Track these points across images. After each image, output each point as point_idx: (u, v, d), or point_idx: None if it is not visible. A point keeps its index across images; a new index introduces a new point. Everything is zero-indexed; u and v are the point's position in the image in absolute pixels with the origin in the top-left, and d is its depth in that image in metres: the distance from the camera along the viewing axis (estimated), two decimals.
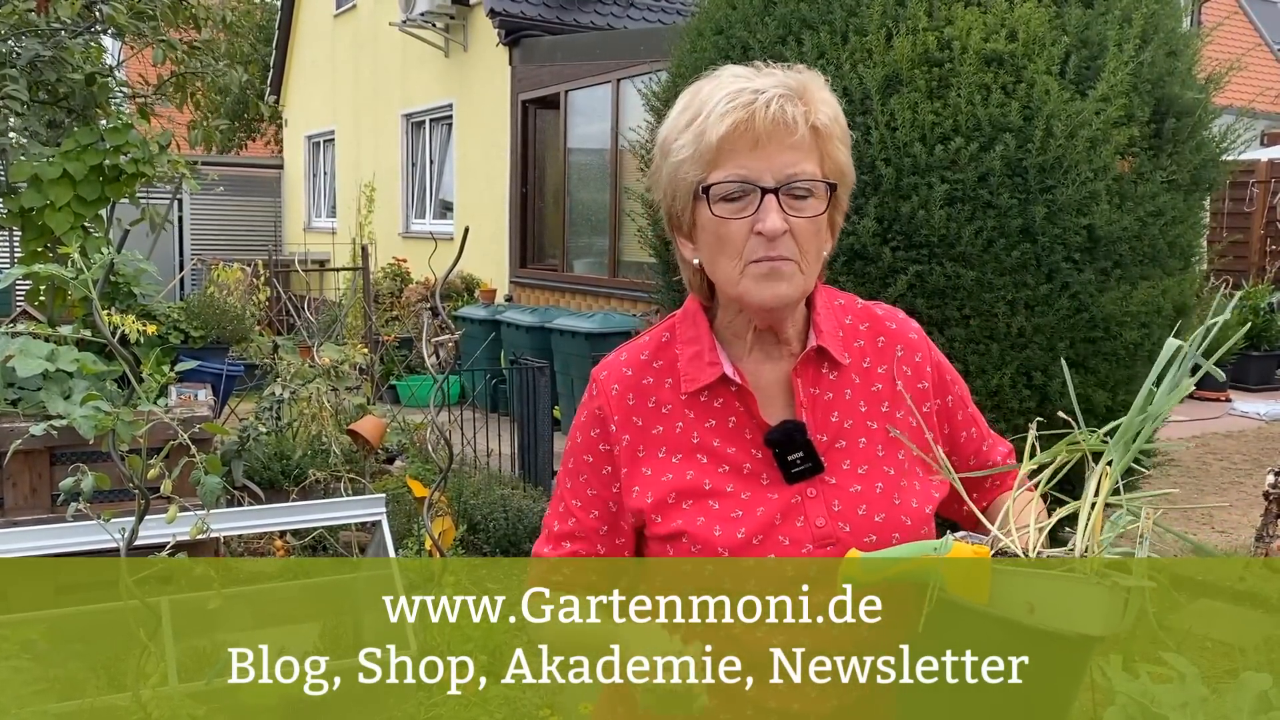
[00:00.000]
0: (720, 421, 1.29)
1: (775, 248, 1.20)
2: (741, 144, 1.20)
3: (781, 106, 1.20)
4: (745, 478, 1.27)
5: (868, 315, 1.38)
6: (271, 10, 18.52)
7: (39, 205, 4.73)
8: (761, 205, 1.20)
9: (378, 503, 3.37)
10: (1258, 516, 4.79)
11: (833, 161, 1.25)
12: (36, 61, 4.70)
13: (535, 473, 6.00)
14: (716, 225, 1.23)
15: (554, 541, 1.37)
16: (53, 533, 2.94)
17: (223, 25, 5.73)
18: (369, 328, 7.84)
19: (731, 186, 1.21)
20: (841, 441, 1.29)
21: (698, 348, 1.31)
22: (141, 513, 1.66)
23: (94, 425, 1.80)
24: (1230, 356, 5.50)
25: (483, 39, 10.98)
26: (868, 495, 1.27)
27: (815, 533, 1.24)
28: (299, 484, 5.05)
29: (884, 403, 1.32)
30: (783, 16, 4.00)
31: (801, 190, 1.21)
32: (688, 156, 1.23)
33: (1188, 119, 3.94)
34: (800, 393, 1.29)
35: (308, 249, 14.22)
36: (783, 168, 1.20)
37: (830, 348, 1.30)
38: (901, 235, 3.71)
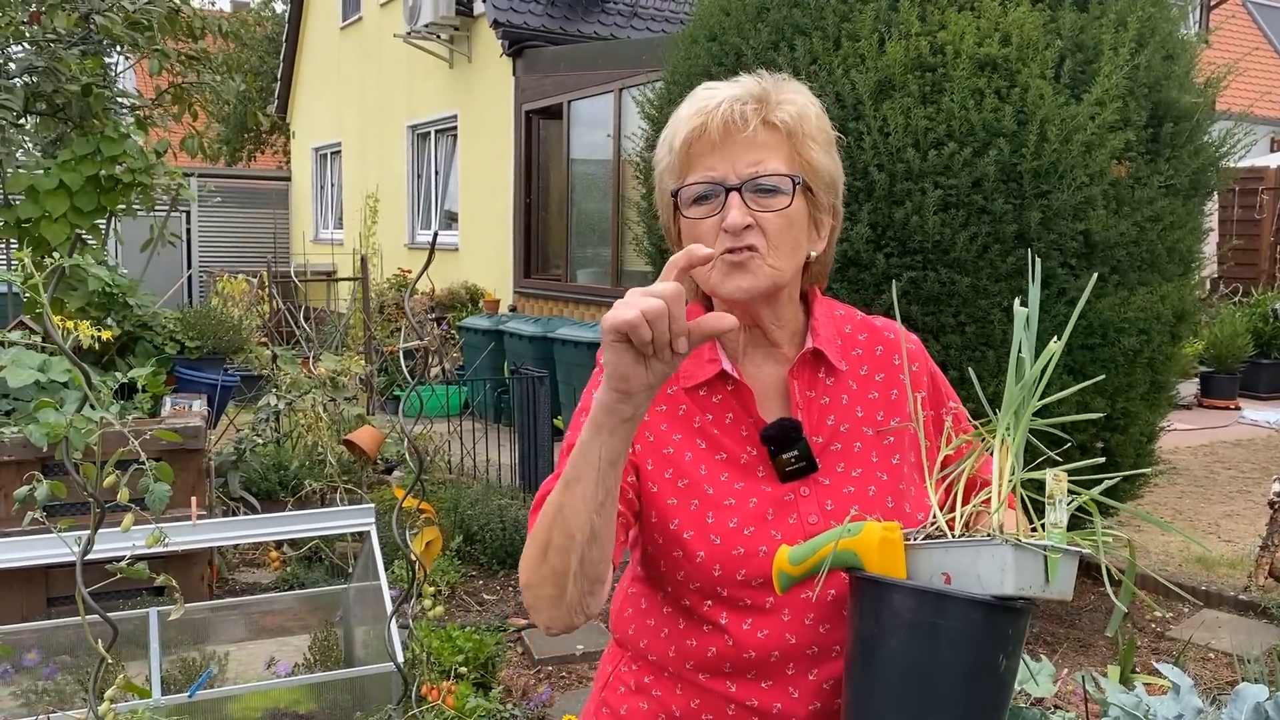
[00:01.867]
0: (718, 416, 1.31)
1: (740, 240, 1.23)
2: (702, 148, 1.26)
3: (731, 108, 1.25)
4: (740, 468, 1.28)
5: (866, 326, 1.40)
6: (279, 23, 18.61)
7: (35, 216, 4.74)
8: (726, 202, 1.24)
9: (367, 513, 3.34)
10: (1264, 526, 4.72)
11: (804, 159, 1.28)
12: (31, 72, 4.70)
13: (535, 483, 5.97)
14: (690, 227, 1.27)
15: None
16: (40, 543, 2.92)
17: (220, 35, 5.74)
18: (368, 338, 7.83)
19: (698, 189, 1.26)
20: (836, 444, 1.30)
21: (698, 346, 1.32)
22: (96, 523, 1.64)
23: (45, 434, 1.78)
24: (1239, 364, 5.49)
25: (486, 50, 11.01)
26: (861, 497, 1.27)
27: (808, 529, 1.24)
28: (296, 495, 5.04)
29: (880, 410, 1.34)
30: (775, 22, 3.98)
31: (766, 185, 1.24)
32: (664, 169, 1.31)
33: (1186, 123, 3.90)
34: (796, 394, 1.31)
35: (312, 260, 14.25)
36: (745, 166, 1.24)
37: (827, 352, 1.32)
38: (895, 241, 3.68)
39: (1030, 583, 1.03)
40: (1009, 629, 1.06)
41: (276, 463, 5.21)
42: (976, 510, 1.13)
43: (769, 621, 1.24)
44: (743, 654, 1.24)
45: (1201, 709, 1.76)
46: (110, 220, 5.28)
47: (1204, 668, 3.94)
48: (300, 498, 4.99)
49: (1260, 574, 4.58)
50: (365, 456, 5.18)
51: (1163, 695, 1.78)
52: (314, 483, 5.03)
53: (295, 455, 5.29)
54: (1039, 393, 1.11)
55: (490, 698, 3.29)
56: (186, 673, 3.28)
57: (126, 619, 2.90)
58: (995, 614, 1.04)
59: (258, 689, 3.10)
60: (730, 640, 1.24)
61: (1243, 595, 4.55)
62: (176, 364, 5.33)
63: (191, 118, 5.66)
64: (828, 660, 1.24)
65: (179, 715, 2.84)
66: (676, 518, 1.27)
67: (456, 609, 4.50)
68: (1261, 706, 1.70)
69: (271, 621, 3.63)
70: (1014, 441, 1.10)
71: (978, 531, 1.09)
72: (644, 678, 1.33)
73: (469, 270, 11.30)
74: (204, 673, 3.16)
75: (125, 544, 2.01)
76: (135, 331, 5.16)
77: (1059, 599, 1.07)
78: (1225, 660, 3.98)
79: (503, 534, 5.05)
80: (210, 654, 3.39)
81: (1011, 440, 1.10)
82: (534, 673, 3.91)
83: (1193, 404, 9.25)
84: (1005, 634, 1.06)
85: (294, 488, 5.07)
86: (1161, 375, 4.11)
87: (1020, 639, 1.08)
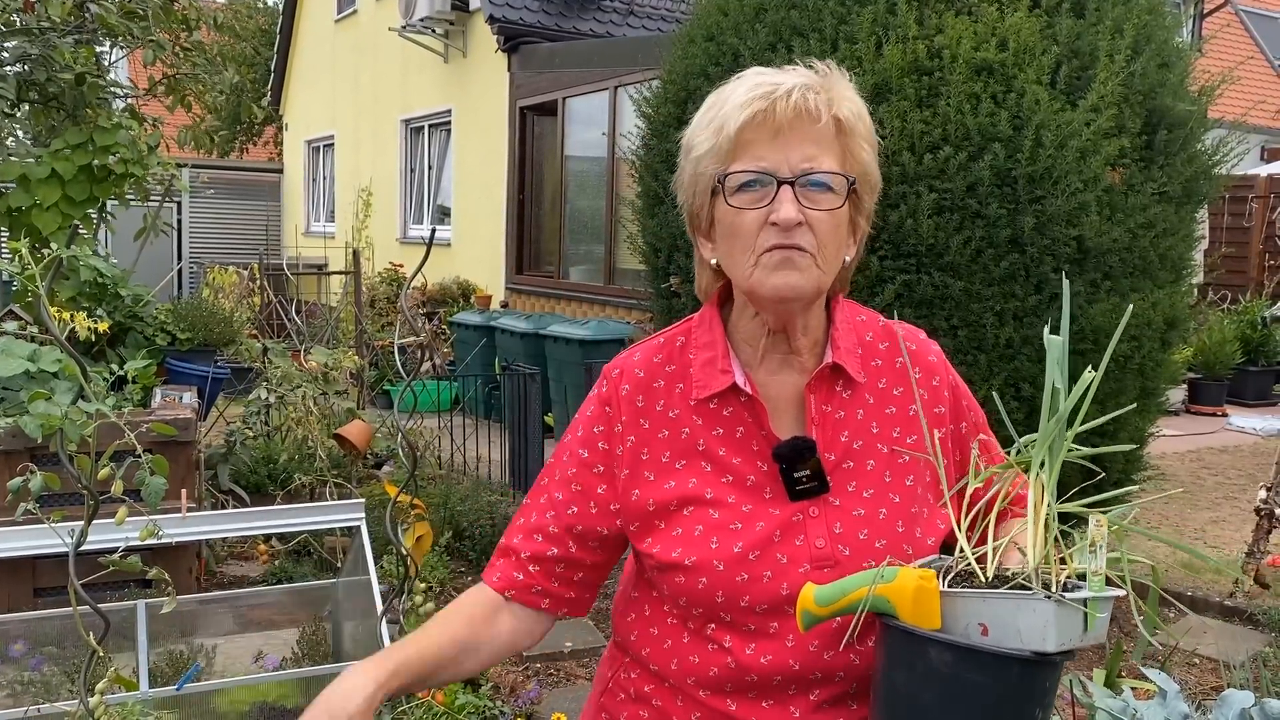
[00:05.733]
0: (728, 431, 1.26)
1: (790, 237, 1.17)
2: (761, 134, 1.19)
3: (803, 95, 1.18)
4: (748, 490, 1.24)
5: (888, 334, 1.34)
6: (274, 15, 18.54)
7: (26, 205, 4.71)
8: (777, 196, 1.18)
9: (357, 508, 3.33)
10: (1250, 533, 4.75)
11: (855, 159, 1.23)
12: (25, 60, 4.68)
13: (525, 480, 5.97)
14: (732, 216, 1.21)
15: (524, 534, 1.34)
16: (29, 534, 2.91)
17: (215, 27, 5.72)
18: (359, 331, 7.81)
19: (748, 176, 1.19)
20: (849, 462, 1.25)
21: (711, 354, 1.29)
22: (90, 514, 1.63)
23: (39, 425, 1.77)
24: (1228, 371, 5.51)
25: (482, 45, 10.99)
26: (870, 520, 1.23)
27: (814, 553, 1.21)
28: (285, 488, 5.02)
29: (896, 427, 1.29)
30: (773, 23, 3.98)
31: (819, 183, 1.19)
32: (707, 150, 1.23)
33: (1180, 131, 3.91)
34: (812, 409, 1.26)
35: (304, 254, 14.22)
36: (800, 160, 1.18)
37: (847, 365, 1.27)
38: (889, 244, 3.69)
39: (1070, 636, 1.00)
40: (1046, 681, 1.03)
41: (266, 456, 5.20)
42: (1006, 546, 1.09)
43: (773, 646, 1.21)
44: (745, 676, 1.22)
45: (1188, 714, 1.77)
46: (102, 210, 5.26)
47: (1189, 673, 3.96)
48: (290, 491, 4.98)
49: (1246, 580, 4.60)
50: (355, 451, 5.17)
51: (1149, 700, 1.79)
52: (304, 477, 5.02)
53: (285, 449, 5.28)
54: (1083, 429, 1.07)
55: (479, 694, 3.29)
56: (174, 665, 3.27)
57: (114, 611, 2.89)
58: (1034, 669, 1.01)
59: (246, 683, 3.09)
60: (733, 663, 1.22)
61: (1228, 601, 4.58)
62: (167, 356, 5.31)
63: (185, 109, 5.64)
64: (831, 683, 1.22)
65: (166, 708, 2.82)
66: (679, 546, 1.24)
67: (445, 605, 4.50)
68: (1247, 712, 1.71)
69: (260, 615, 3.62)
70: (1049, 478, 1.06)
71: (1008, 569, 1.05)
72: (644, 687, 1.31)
73: (461, 266, 11.29)
74: (192, 666, 3.15)
75: (115, 536, 2.00)
76: (126, 322, 5.14)
77: (1094, 644, 1.04)
78: (1211, 666, 4.00)
79: (492, 531, 5.05)
80: (198, 647, 3.38)
81: (1047, 477, 1.07)
82: (522, 669, 3.91)
83: (1180, 410, 9.29)
84: (1043, 687, 1.03)
85: (284, 481, 5.06)
86: (1152, 382, 4.13)
87: (1055, 688, 1.05)
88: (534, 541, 1.32)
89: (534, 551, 1.32)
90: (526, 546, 1.32)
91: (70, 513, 2.35)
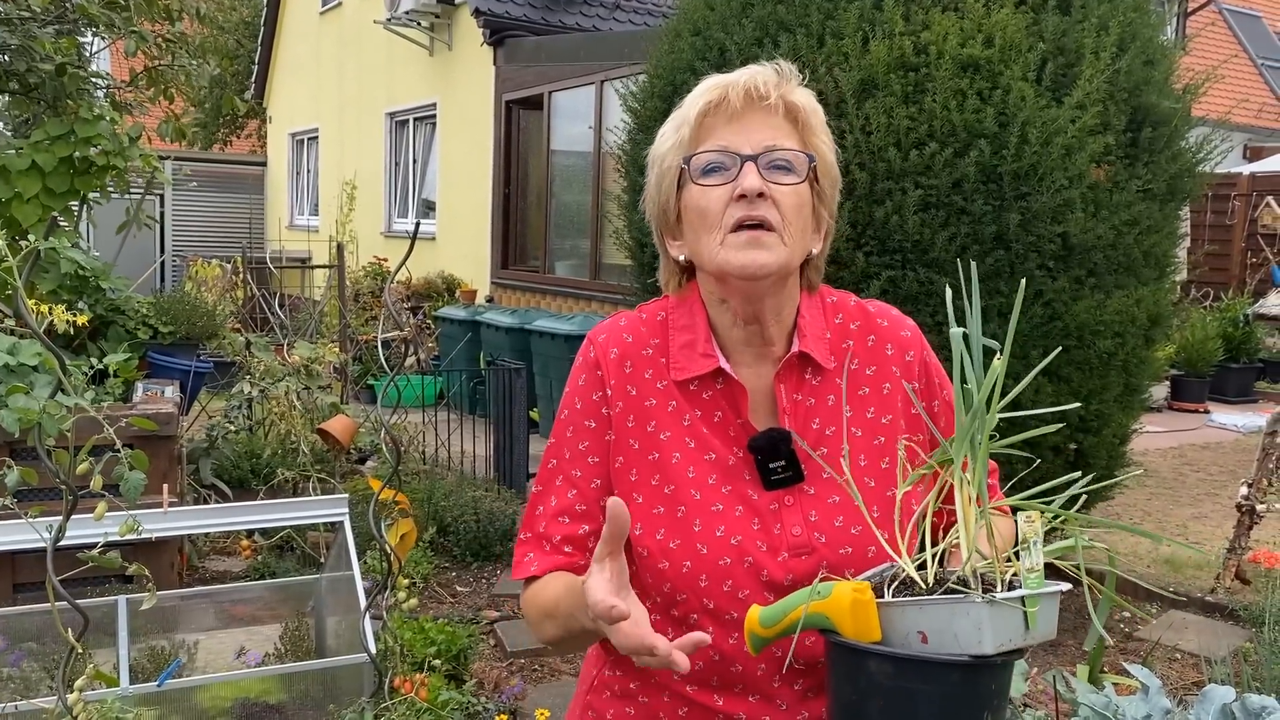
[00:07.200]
0: (706, 414, 1.27)
1: (755, 208, 1.20)
2: (718, 119, 1.24)
3: (752, 79, 1.24)
4: (728, 471, 1.25)
5: (860, 314, 1.34)
6: (257, 7, 18.42)
7: (6, 197, 4.66)
8: (741, 170, 1.21)
9: (340, 503, 3.31)
10: (1231, 529, 4.78)
11: (812, 146, 1.27)
12: (4, 50, 4.63)
13: (510, 475, 5.95)
14: (699, 197, 1.23)
15: (549, 520, 1.30)
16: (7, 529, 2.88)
17: (197, 18, 5.67)
18: (343, 326, 7.77)
19: (712, 156, 1.23)
20: (823, 449, 1.25)
21: (691, 336, 1.29)
22: (69, 510, 1.61)
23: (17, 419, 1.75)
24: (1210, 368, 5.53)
25: (467, 38, 10.94)
26: (845, 507, 1.23)
27: (791, 541, 1.22)
28: (268, 483, 4.99)
29: (870, 407, 1.29)
30: (760, 19, 3.97)
31: (781, 161, 1.22)
32: (671, 146, 1.27)
33: (1164, 128, 3.93)
34: (783, 399, 1.26)
35: (287, 247, 14.14)
36: (761, 140, 1.23)
37: (814, 352, 1.28)
38: (875, 240, 3.69)
39: (1009, 636, 0.98)
40: (991, 684, 1.01)
41: (249, 451, 5.16)
42: (951, 549, 1.07)
43: None
44: (730, 668, 1.23)
45: (1169, 709, 1.78)
46: (84, 202, 5.21)
47: (1170, 668, 3.98)
48: (272, 486, 4.95)
49: (1227, 576, 4.63)
50: (339, 446, 5.14)
51: (1131, 695, 1.80)
52: (287, 471, 4.98)
53: (268, 443, 5.24)
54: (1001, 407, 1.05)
55: (463, 690, 3.28)
56: (155, 661, 3.24)
57: (94, 606, 2.86)
58: (975, 673, 0.99)
59: (227, 679, 3.07)
60: (716, 655, 1.22)
61: (1209, 597, 4.61)
62: (149, 349, 5.27)
63: (167, 101, 5.59)
64: (814, 672, 1.23)
65: (147, 705, 2.80)
66: (662, 527, 1.24)
67: (429, 601, 4.48)
68: (1228, 708, 1.71)
69: (242, 611, 3.60)
70: (974, 476, 1.05)
71: (953, 573, 1.03)
72: (630, 684, 1.31)
73: (446, 260, 11.24)
74: (173, 662, 3.12)
75: (95, 531, 1.98)
76: (107, 316, 5.09)
77: (1043, 641, 1.02)
78: (1192, 661, 4.02)
79: (476, 527, 5.03)
80: (179, 643, 3.35)
81: (972, 476, 1.05)
82: (506, 665, 3.90)
83: (1163, 407, 9.34)
84: (988, 690, 1.01)
85: (266, 476, 5.03)
86: (1135, 378, 4.15)
87: (1005, 691, 1.03)
88: (562, 524, 1.30)
89: (565, 534, 1.29)
90: (556, 530, 1.30)
91: (49, 508, 2.33)
